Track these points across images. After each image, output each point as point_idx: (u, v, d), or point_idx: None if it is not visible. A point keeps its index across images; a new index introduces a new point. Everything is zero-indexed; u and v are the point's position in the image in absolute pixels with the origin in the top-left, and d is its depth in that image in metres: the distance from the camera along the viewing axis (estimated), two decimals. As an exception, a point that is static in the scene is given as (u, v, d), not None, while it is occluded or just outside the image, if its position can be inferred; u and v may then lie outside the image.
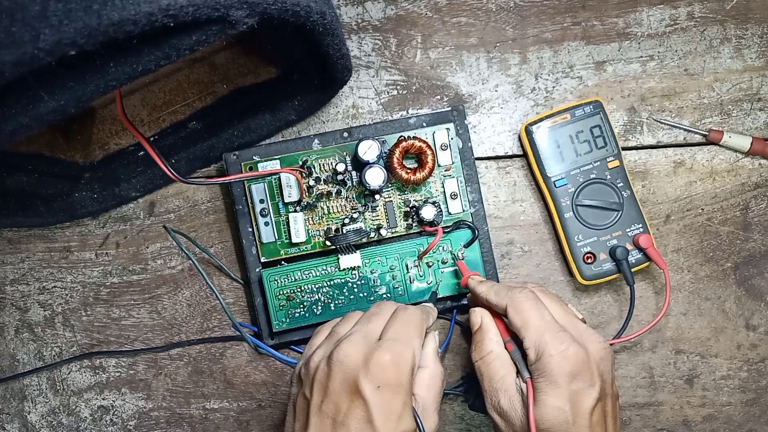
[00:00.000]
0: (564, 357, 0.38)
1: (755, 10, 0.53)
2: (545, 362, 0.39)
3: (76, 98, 0.32)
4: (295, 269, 0.50)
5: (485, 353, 0.42)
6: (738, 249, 0.54)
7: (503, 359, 0.42)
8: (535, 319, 0.40)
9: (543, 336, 0.39)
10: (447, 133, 0.51)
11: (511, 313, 0.41)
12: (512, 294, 0.42)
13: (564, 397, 0.38)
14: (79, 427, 0.54)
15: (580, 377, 0.38)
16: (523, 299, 0.41)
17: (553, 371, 0.38)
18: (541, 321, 0.40)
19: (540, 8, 0.53)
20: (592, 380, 0.39)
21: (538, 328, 0.40)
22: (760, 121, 0.53)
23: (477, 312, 0.45)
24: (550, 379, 0.38)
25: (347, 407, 0.37)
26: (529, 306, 0.41)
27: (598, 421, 0.39)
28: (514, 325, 0.41)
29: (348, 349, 0.38)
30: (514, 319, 0.41)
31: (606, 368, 0.40)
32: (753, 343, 0.54)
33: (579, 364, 0.38)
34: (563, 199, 0.51)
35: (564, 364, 0.38)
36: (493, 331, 0.43)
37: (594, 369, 0.39)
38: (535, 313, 0.40)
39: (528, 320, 0.40)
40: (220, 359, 0.54)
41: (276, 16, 0.34)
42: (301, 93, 0.51)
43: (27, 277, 0.54)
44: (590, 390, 0.38)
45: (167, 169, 0.42)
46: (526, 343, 0.40)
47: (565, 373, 0.38)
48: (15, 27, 0.28)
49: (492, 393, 0.41)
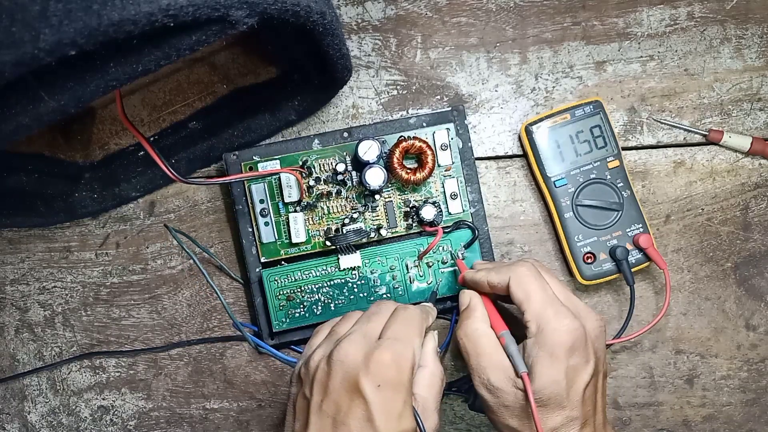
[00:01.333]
0: (565, 331, 0.39)
1: (755, 10, 0.53)
2: (546, 335, 0.39)
3: (76, 98, 0.32)
4: (295, 269, 0.50)
5: (471, 330, 0.42)
6: (738, 249, 0.54)
7: (489, 336, 0.42)
8: (537, 292, 0.41)
9: (546, 309, 0.40)
10: (447, 133, 0.51)
11: (513, 287, 0.41)
12: (514, 268, 0.42)
13: (561, 371, 0.39)
14: (79, 427, 0.54)
15: (578, 353, 0.39)
16: (526, 272, 0.41)
17: (553, 344, 0.39)
18: (544, 294, 0.41)
19: (540, 8, 0.53)
20: (588, 357, 0.40)
21: (541, 301, 0.40)
22: (760, 121, 0.53)
23: (466, 293, 0.45)
24: (550, 351, 0.39)
25: (347, 406, 0.37)
26: (531, 279, 0.41)
27: (590, 396, 0.40)
28: (516, 298, 0.41)
29: (348, 348, 0.38)
30: (516, 292, 0.41)
31: (600, 345, 0.41)
32: (753, 343, 0.54)
33: (578, 340, 0.39)
34: (563, 199, 0.51)
35: (564, 339, 0.39)
36: (480, 310, 0.43)
37: (590, 346, 0.40)
38: (538, 285, 0.41)
39: (530, 293, 0.41)
40: (220, 359, 0.54)
41: (276, 16, 0.34)
42: (301, 93, 0.51)
43: (27, 277, 0.54)
44: (586, 366, 0.39)
45: (167, 169, 0.42)
46: (528, 315, 0.40)
47: (565, 348, 0.39)
48: (15, 27, 0.28)
49: (480, 370, 0.41)
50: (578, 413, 0.39)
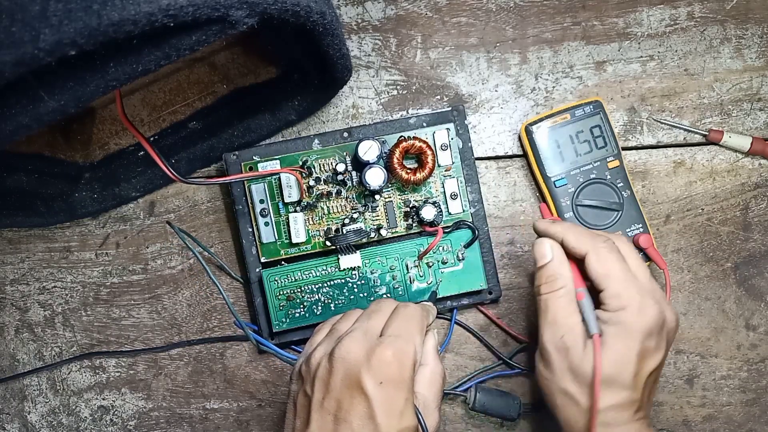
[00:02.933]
0: (647, 314, 0.39)
1: (755, 10, 0.53)
2: (627, 314, 0.39)
3: (76, 98, 0.32)
4: (295, 269, 0.50)
5: (558, 287, 0.41)
6: (738, 249, 0.54)
7: (572, 297, 0.41)
8: (619, 271, 0.40)
9: (630, 289, 0.39)
10: (447, 133, 0.51)
11: (592, 260, 0.41)
12: (596, 241, 0.41)
13: (634, 351, 0.38)
14: (79, 427, 0.54)
15: (653, 337, 0.39)
16: (608, 250, 0.41)
17: (632, 323, 0.39)
18: (627, 274, 0.40)
19: (540, 8, 0.53)
20: (661, 345, 0.39)
21: (624, 280, 0.40)
22: (760, 121, 0.53)
23: (546, 243, 0.43)
24: (627, 329, 0.39)
25: (349, 403, 0.37)
26: (613, 258, 0.40)
27: (651, 383, 0.40)
28: (594, 273, 0.40)
29: (350, 345, 0.38)
30: (595, 266, 0.40)
31: (671, 338, 0.41)
32: (753, 343, 0.54)
33: (657, 325, 0.39)
34: (563, 199, 0.51)
35: (645, 320, 0.39)
36: (567, 267, 0.42)
37: (664, 335, 0.40)
38: (620, 265, 0.40)
39: (612, 271, 0.40)
40: (220, 359, 0.54)
41: (276, 16, 0.35)
42: (301, 93, 0.51)
43: (27, 277, 0.54)
44: (657, 353, 0.39)
45: (167, 169, 0.42)
46: (609, 291, 0.40)
47: (644, 329, 0.39)
48: (15, 27, 0.28)
49: (556, 327, 0.41)
50: (638, 397, 0.39)
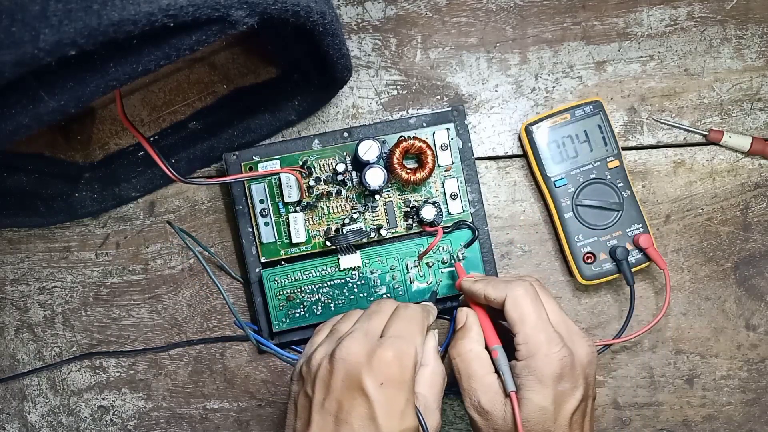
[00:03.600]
0: (555, 359, 0.39)
1: (755, 10, 0.53)
2: (536, 361, 0.39)
3: (76, 98, 0.32)
4: (295, 269, 0.50)
5: (464, 351, 0.42)
6: (738, 249, 0.54)
7: (483, 358, 0.42)
8: (531, 315, 0.41)
9: (538, 334, 0.40)
10: (447, 133, 0.51)
11: (509, 306, 0.41)
12: (511, 287, 0.42)
13: (549, 398, 0.39)
14: (79, 427, 0.54)
15: (566, 379, 0.39)
16: (523, 294, 0.41)
17: (543, 371, 0.39)
18: (538, 319, 0.41)
19: (540, 8, 0.53)
20: (577, 383, 0.40)
21: (534, 326, 0.40)
22: (760, 121, 0.53)
23: (463, 311, 0.45)
24: (539, 377, 0.39)
25: (350, 404, 0.37)
26: (528, 301, 0.41)
27: (577, 420, 0.40)
28: (510, 318, 0.41)
29: (351, 346, 0.38)
30: (510, 312, 0.41)
31: (591, 371, 0.41)
32: (753, 343, 0.54)
33: (567, 367, 0.40)
34: (563, 199, 0.51)
35: (554, 366, 0.39)
36: (476, 330, 0.43)
37: (579, 372, 0.40)
38: (533, 308, 0.41)
39: (525, 315, 0.41)
40: (220, 359, 0.54)
41: (276, 16, 0.34)
42: (301, 93, 0.51)
43: (27, 277, 0.54)
44: (574, 392, 0.40)
45: (167, 169, 0.42)
46: (519, 338, 0.40)
47: (554, 375, 0.39)
48: (15, 27, 0.28)
49: (471, 392, 0.41)
50: None
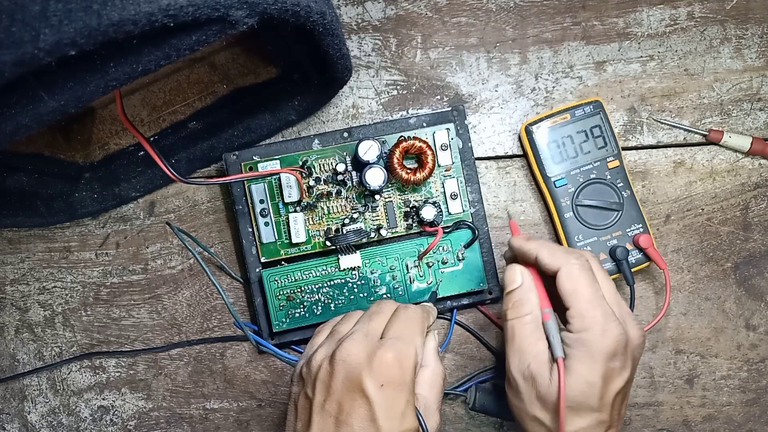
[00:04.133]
0: (611, 336, 0.38)
1: (755, 10, 0.53)
2: (590, 336, 0.39)
3: (76, 98, 0.32)
4: (295, 269, 0.50)
5: (523, 314, 0.41)
6: (738, 249, 0.54)
7: (538, 324, 0.41)
8: (586, 290, 0.40)
9: (593, 309, 0.39)
10: (447, 133, 0.51)
11: (563, 277, 0.40)
12: (568, 257, 0.41)
13: (599, 373, 0.38)
14: (79, 427, 0.54)
15: (618, 358, 0.39)
16: (579, 267, 0.40)
17: (595, 346, 0.38)
18: (593, 294, 0.40)
19: (540, 8, 0.53)
20: (626, 364, 0.39)
21: (589, 300, 0.39)
22: (760, 121, 0.53)
23: (516, 269, 0.42)
24: (591, 352, 0.38)
25: (350, 406, 0.37)
26: (584, 275, 0.40)
27: (619, 402, 0.40)
28: (563, 289, 0.40)
29: (351, 347, 0.38)
30: (564, 283, 0.40)
31: (638, 355, 0.41)
32: (753, 343, 0.54)
33: (621, 346, 0.39)
34: (563, 199, 0.51)
35: (609, 342, 0.38)
36: (535, 293, 0.42)
37: (629, 354, 0.39)
38: (588, 283, 0.40)
39: (579, 289, 0.40)
40: (220, 359, 0.54)
41: (276, 16, 0.35)
42: (301, 93, 0.51)
43: (27, 277, 0.54)
44: (623, 372, 0.39)
45: (167, 169, 0.42)
46: (573, 311, 0.39)
47: (608, 351, 0.38)
48: (15, 27, 0.28)
49: (522, 355, 0.40)
50: (607, 417, 0.39)
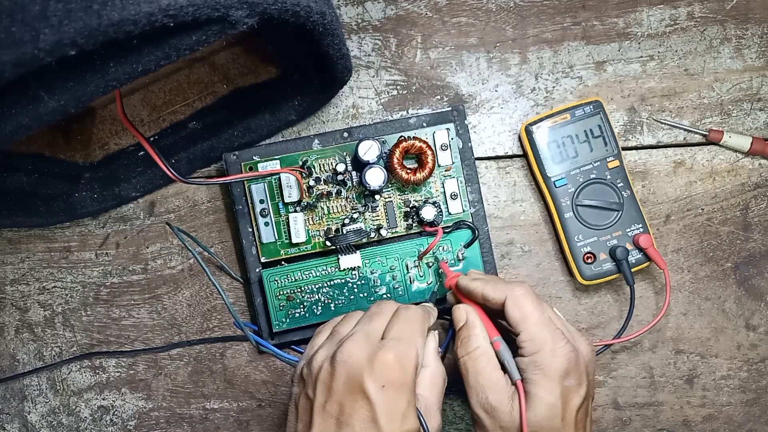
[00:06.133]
0: (561, 354, 0.39)
1: (755, 10, 0.53)
2: (543, 357, 0.40)
3: (76, 98, 0.32)
4: (295, 269, 0.50)
5: (472, 349, 0.42)
6: (738, 249, 0.54)
7: (490, 356, 0.42)
8: (534, 312, 0.41)
9: (543, 331, 0.40)
10: (447, 133, 0.51)
11: (510, 306, 0.41)
12: (511, 287, 0.42)
13: (557, 393, 0.39)
14: (79, 427, 0.54)
15: (572, 375, 0.40)
16: (523, 293, 0.42)
17: (549, 367, 0.39)
18: (541, 316, 0.41)
19: (540, 8, 0.53)
20: (581, 380, 0.40)
21: (538, 323, 0.40)
22: (760, 121, 0.53)
23: (461, 308, 0.45)
24: (545, 373, 0.39)
25: (351, 407, 0.37)
26: (529, 301, 0.41)
27: (581, 419, 0.40)
28: (512, 317, 0.41)
29: (352, 348, 0.38)
30: (512, 310, 0.41)
31: (592, 370, 0.42)
32: (753, 343, 0.54)
33: (572, 363, 0.40)
34: (563, 199, 0.51)
35: (560, 361, 0.39)
36: (480, 326, 0.43)
37: (583, 369, 0.40)
38: (534, 307, 0.41)
39: (528, 314, 0.41)
40: (220, 359, 0.54)
41: (276, 16, 0.34)
42: (301, 93, 0.51)
43: (27, 277, 0.54)
44: (579, 389, 0.40)
45: (167, 169, 0.42)
46: (524, 335, 0.41)
47: (561, 370, 0.39)
48: (15, 27, 0.28)
49: (479, 389, 0.41)
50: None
